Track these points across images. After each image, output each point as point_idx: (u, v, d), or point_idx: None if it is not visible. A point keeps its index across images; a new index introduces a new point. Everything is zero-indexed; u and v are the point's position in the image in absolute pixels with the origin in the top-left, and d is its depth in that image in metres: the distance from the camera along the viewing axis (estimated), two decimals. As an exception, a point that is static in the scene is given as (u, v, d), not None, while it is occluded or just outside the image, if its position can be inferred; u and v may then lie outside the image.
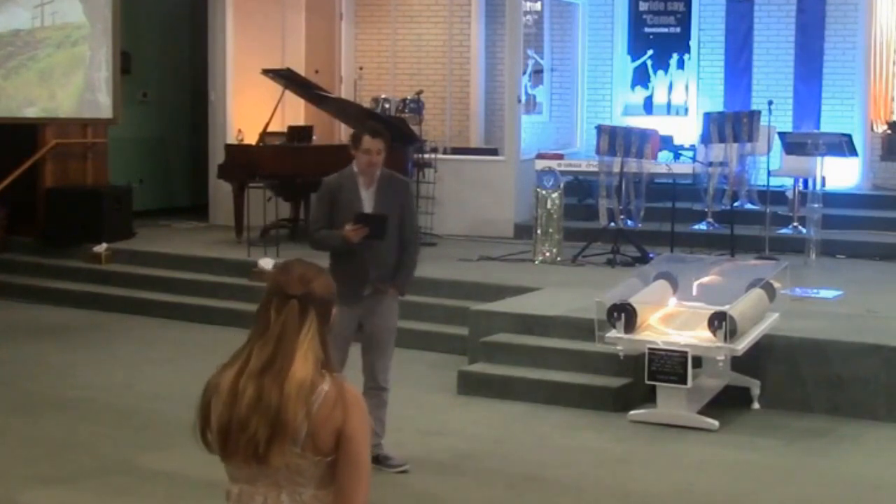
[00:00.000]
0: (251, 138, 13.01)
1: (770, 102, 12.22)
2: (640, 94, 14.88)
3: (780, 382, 8.12)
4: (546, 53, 15.33)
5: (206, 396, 3.10)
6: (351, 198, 6.56)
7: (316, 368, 3.02)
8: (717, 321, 7.52)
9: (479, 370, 8.70)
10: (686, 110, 14.63)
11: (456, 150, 14.17)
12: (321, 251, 6.67)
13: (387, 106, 13.89)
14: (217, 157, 13.78)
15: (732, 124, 11.97)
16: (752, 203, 12.89)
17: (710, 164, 12.28)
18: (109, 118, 13.61)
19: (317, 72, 14.71)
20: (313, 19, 15.20)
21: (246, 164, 12.64)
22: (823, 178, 11.55)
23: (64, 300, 11.91)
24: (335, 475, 3.04)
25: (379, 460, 6.55)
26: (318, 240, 6.69)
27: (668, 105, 14.75)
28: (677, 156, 13.08)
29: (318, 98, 13.18)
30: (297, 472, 3.02)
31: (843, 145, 11.38)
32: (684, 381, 7.57)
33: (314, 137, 13.52)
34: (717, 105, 14.09)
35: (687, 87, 14.64)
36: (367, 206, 6.54)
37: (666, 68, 14.74)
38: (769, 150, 12.28)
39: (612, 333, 7.80)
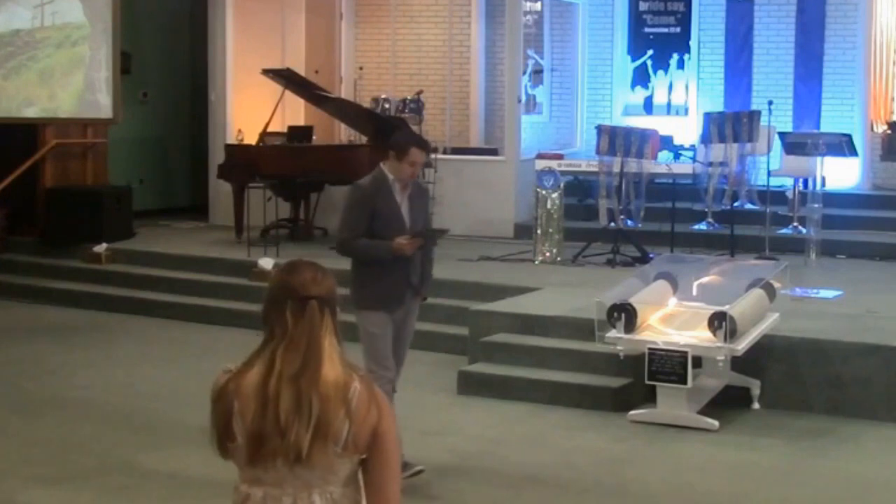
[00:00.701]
0: (251, 138, 13.01)
1: (770, 102, 12.22)
2: (640, 94, 14.87)
3: (780, 382, 8.12)
4: (546, 53, 15.33)
5: (223, 403, 3.04)
6: (390, 204, 6.45)
7: (344, 367, 3.03)
8: (717, 321, 7.52)
9: (479, 370, 8.70)
10: (686, 110, 14.62)
11: (456, 150, 14.16)
12: (355, 259, 6.53)
13: (387, 106, 13.89)
14: (217, 157, 13.78)
15: (732, 124, 11.96)
16: (752, 203, 12.88)
17: (710, 164, 12.28)
18: (109, 118, 13.61)
19: (317, 72, 14.70)
20: (313, 19, 15.20)
21: (246, 164, 12.64)
22: (823, 178, 11.54)
23: (64, 300, 11.92)
24: (365, 473, 3.06)
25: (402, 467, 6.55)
26: (359, 248, 6.47)
27: (668, 105, 14.75)
28: (677, 156, 13.07)
29: (318, 98, 13.18)
30: (331, 471, 3.02)
31: (843, 145, 11.38)
32: (684, 381, 7.57)
33: (314, 137, 13.52)
34: (717, 105, 14.09)
35: (687, 87, 14.64)
36: (404, 212, 6.50)
37: (666, 68, 14.74)
38: (769, 150, 12.27)
39: (612, 333, 7.80)
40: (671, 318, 8.12)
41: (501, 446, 7.39)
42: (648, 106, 14.80)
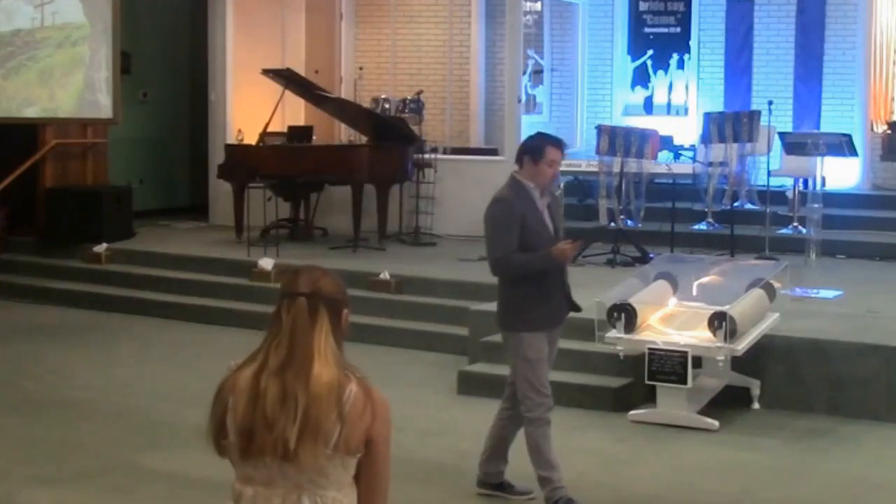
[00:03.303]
0: (251, 138, 13.01)
1: (770, 102, 12.22)
2: (640, 94, 14.88)
3: (780, 382, 8.12)
4: (546, 53, 15.33)
5: (221, 400, 3.10)
6: (535, 214, 6.08)
7: (339, 368, 3.05)
8: (717, 321, 7.52)
9: (479, 370, 8.70)
10: (686, 110, 14.63)
11: (456, 150, 14.16)
12: (514, 276, 6.13)
13: (387, 106, 13.89)
14: (217, 157, 13.78)
15: (732, 124, 11.96)
16: (752, 203, 12.89)
17: (710, 164, 12.28)
18: (109, 118, 13.61)
19: (317, 72, 14.71)
20: (313, 19, 15.20)
21: (246, 164, 12.64)
22: (823, 178, 11.53)
23: (64, 300, 11.91)
24: (356, 477, 3.08)
25: (503, 487, 6.41)
26: (518, 264, 6.06)
27: (668, 105, 14.75)
28: (677, 156, 13.07)
29: (318, 98, 13.18)
30: (322, 473, 3.03)
31: (843, 145, 11.37)
32: (684, 381, 7.57)
33: (314, 137, 13.53)
34: (717, 105, 14.09)
35: (687, 87, 14.64)
36: (547, 219, 6.16)
37: (666, 68, 14.74)
38: (769, 150, 12.28)
39: (612, 333, 7.80)
40: (671, 318, 8.11)
41: (501, 446, 7.38)
42: (648, 106, 14.81)
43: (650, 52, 14.80)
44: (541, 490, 6.22)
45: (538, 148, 6.11)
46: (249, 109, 13.96)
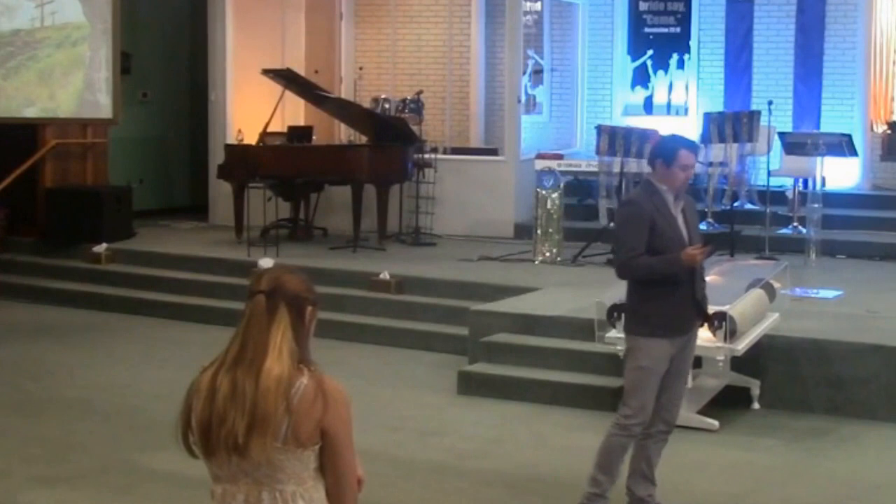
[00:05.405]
0: (251, 138, 13.00)
1: (770, 102, 12.22)
2: (640, 94, 14.88)
3: (780, 382, 8.12)
4: (546, 53, 15.33)
5: (187, 400, 3.16)
6: (667, 218, 5.84)
7: (292, 363, 3.07)
8: (717, 321, 7.51)
9: (479, 370, 8.70)
10: (686, 110, 14.63)
11: (456, 150, 14.16)
12: (639, 279, 5.91)
13: (387, 106, 13.88)
14: (217, 157, 13.78)
15: (732, 124, 11.97)
16: (752, 203, 12.89)
17: (710, 164, 12.28)
18: (109, 118, 13.61)
19: (317, 72, 14.71)
20: (313, 19, 15.20)
21: (246, 164, 12.64)
22: (823, 178, 11.55)
23: (64, 300, 11.91)
24: (315, 471, 3.10)
25: None
26: (644, 267, 5.82)
27: (668, 105, 14.75)
28: (677, 156, 13.06)
29: (318, 98, 13.18)
30: (277, 467, 3.06)
31: (843, 145, 11.38)
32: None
33: (314, 137, 13.53)
34: (717, 105, 14.09)
35: (687, 87, 14.64)
36: (681, 224, 5.90)
37: (666, 68, 14.74)
38: (769, 150, 12.28)
39: (612, 333, 7.78)
40: (671, 318, 8.10)
41: (501, 446, 7.39)
42: (648, 106, 14.81)
43: (650, 52, 14.80)
44: (586, 486, 6.06)
45: (671, 151, 5.87)
46: (249, 109, 13.96)
